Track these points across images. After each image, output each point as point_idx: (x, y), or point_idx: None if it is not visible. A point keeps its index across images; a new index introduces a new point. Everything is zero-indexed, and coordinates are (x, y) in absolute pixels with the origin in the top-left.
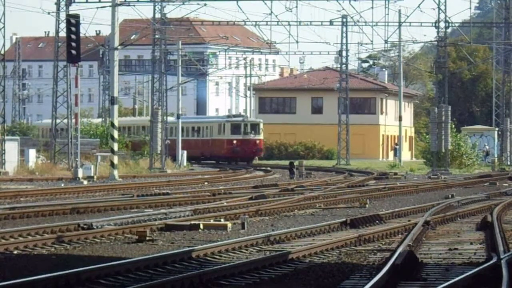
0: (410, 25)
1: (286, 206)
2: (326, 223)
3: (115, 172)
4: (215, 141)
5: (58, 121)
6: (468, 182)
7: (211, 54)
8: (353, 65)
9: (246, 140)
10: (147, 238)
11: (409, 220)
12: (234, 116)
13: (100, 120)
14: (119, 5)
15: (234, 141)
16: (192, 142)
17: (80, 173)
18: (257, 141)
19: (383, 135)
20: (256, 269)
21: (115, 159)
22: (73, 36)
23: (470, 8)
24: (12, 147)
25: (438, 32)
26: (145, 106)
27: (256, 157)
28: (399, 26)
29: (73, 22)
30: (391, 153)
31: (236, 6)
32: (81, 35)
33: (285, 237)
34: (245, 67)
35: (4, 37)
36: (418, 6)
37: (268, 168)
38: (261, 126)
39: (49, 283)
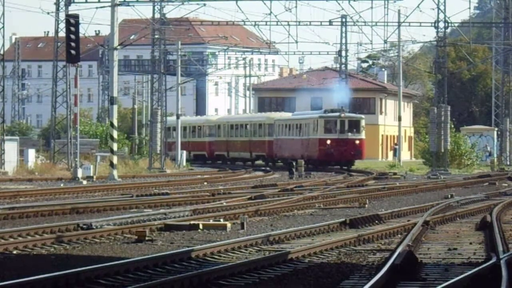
0: (409, 25)
1: (286, 206)
2: (326, 223)
3: (115, 172)
4: (309, 141)
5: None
6: (468, 182)
7: (210, 54)
8: (352, 65)
9: (343, 140)
10: (147, 238)
11: (408, 220)
12: (332, 111)
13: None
14: (119, 5)
15: (328, 141)
16: (292, 142)
17: (80, 173)
18: (357, 142)
19: (382, 135)
20: (256, 269)
21: (115, 159)
22: (72, 36)
23: (469, 8)
24: (11, 147)
25: (437, 32)
26: (144, 106)
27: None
28: (399, 26)
29: (72, 22)
30: (390, 153)
31: (236, 6)
32: (81, 35)
33: (284, 237)
34: (245, 67)
35: (3, 37)
36: (418, 6)
37: (267, 169)
38: (363, 123)
39: (48, 283)
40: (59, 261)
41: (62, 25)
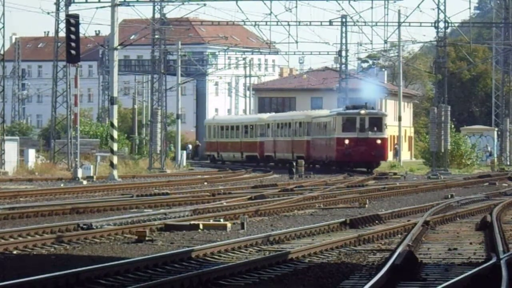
0: (409, 25)
1: (286, 206)
2: (326, 223)
3: (115, 172)
4: (329, 140)
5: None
6: (468, 182)
7: (210, 54)
8: (352, 65)
9: (363, 140)
10: (147, 238)
11: (408, 220)
12: (354, 107)
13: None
14: (119, 5)
15: (346, 141)
16: (321, 142)
17: (80, 173)
18: (378, 141)
19: None
20: (256, 269)
21: (115, 159)
22: (72, 36)
23: (469, 8)
24: (11, 147)
25: (437, 32)
26: (144, 106)
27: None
28: (399, 26)
29: (72, 22)
30: (390, 153)
31: (236, 6)
32: (81, 35)
33: (284, 237)
34: (245, 67)
35: (3, 37)
36: (418, 6)
37: (268, 169)
38: (385, 120)
39: (48, 283)
40: (59, 261)
41: (62, 25)
